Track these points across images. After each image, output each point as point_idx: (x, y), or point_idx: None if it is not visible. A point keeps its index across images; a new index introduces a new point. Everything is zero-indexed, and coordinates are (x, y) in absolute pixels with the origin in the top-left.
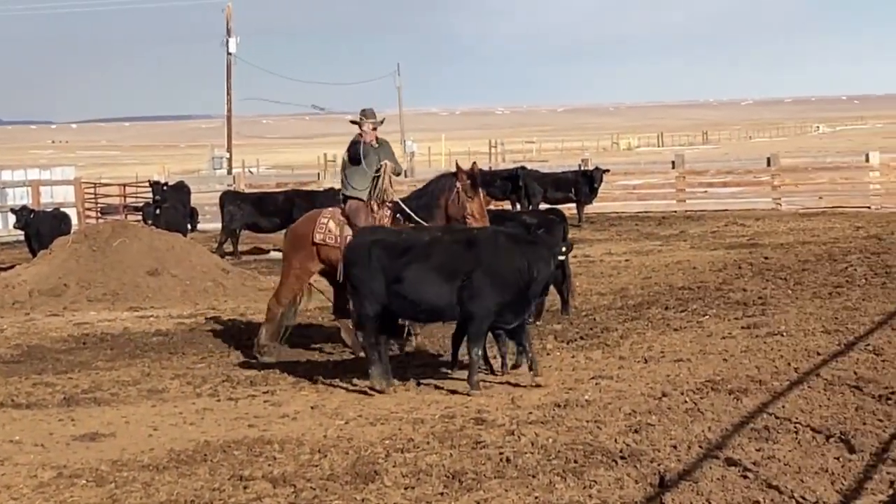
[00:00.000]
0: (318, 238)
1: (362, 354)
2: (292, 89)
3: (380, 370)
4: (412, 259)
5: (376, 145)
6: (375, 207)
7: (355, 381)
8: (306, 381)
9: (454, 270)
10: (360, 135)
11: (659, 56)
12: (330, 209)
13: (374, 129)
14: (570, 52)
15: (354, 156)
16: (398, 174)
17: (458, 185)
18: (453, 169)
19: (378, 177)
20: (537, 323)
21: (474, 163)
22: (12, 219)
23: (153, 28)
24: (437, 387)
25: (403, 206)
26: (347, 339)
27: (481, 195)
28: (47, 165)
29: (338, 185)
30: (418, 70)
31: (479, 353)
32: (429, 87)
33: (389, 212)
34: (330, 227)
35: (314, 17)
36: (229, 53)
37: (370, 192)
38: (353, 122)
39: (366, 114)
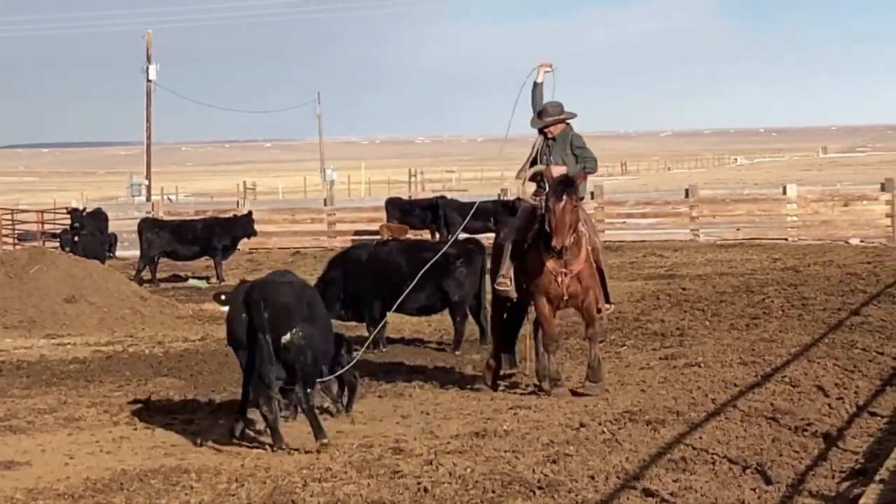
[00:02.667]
0: None
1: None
2: (213, 117)
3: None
4: None
5: (550, 138)
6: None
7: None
8: (224, 411)
9: None
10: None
11: (578, 87)
12: None
13: (555, 124)
14: (490, 83)
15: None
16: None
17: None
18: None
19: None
20: (456, 353)
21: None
22: None
23: (72, 54)
24: (354, 416)
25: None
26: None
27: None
28: None
29: (257, 210)
30: (339, 99)
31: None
32: (349, 115)
33: None
34: None
35: (235, 45)
36: (149, 80)
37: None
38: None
39: (544, 111)
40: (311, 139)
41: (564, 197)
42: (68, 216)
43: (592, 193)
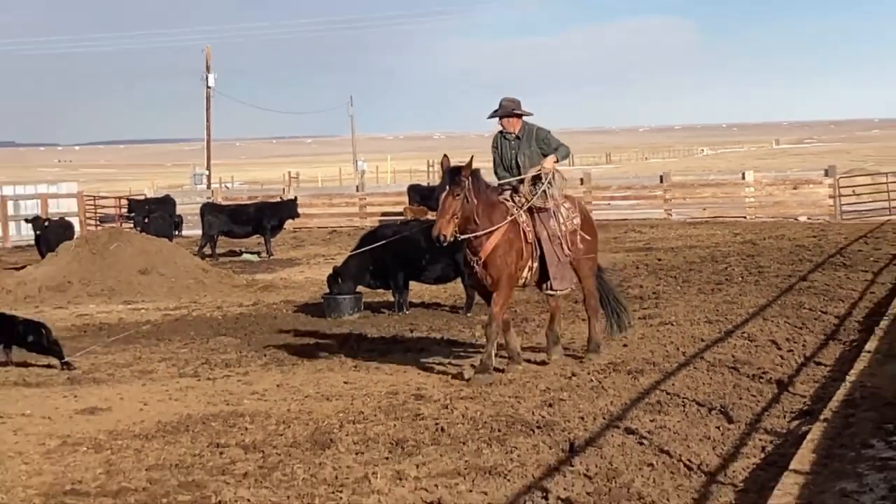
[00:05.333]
0: None
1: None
2: (262, 117)
3: None
4: None
5: (510, 137)
6: (517, 203)
7: (316, 363)
8: (273, 364)
9: None
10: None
11: (569, 89)
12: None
13: (513, 117)
14: (496, 86)
15: (492, 147)
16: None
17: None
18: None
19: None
20: (468, 314)
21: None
22: (24, 226)
23: (145, 65)
24: (382, 367)
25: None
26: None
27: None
28: (54, 181)
29: (300, 195)
30: (368, 101)
31: None
32: (377, 115)
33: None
34: None
35: (281, 56)
36: (208, 87)
37: (518, 188)
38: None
39: (500, 105)
40: (345, 136)
41: (446, 186)
42: (133, 204)
43: (582, 180)
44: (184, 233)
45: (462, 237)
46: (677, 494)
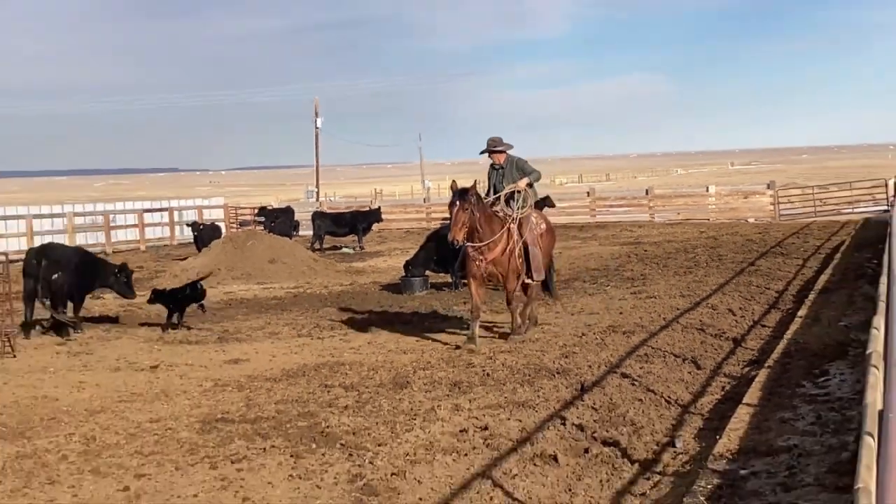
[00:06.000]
0: None
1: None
2: (356, 149)
3: None
4: None
5: (498, 167)
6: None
7: (396, 326)
8: (365, 328)
9: None
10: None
11: (580, 126)
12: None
13: (497, 153)
14: (525, 124)
15: (488, 175)
16: (530, 184)
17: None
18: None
19: (510, 192)
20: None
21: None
22: (185, 229)
23: (272, 111)
24: (443, 329)
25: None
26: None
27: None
28: (207, 196)
29: (383, 206)
30: (433, 136)
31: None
32: (439, 146)
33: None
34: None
35: (369, 104)
36: (317, 127)
37: (510, 204)
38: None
39: (487, 144)
40: (415, 162)
41: (457, 202)
42: (262, 212)
43: (588, 193)
44: (300, 233)
45: (467, 244)
46: (660, 421)
